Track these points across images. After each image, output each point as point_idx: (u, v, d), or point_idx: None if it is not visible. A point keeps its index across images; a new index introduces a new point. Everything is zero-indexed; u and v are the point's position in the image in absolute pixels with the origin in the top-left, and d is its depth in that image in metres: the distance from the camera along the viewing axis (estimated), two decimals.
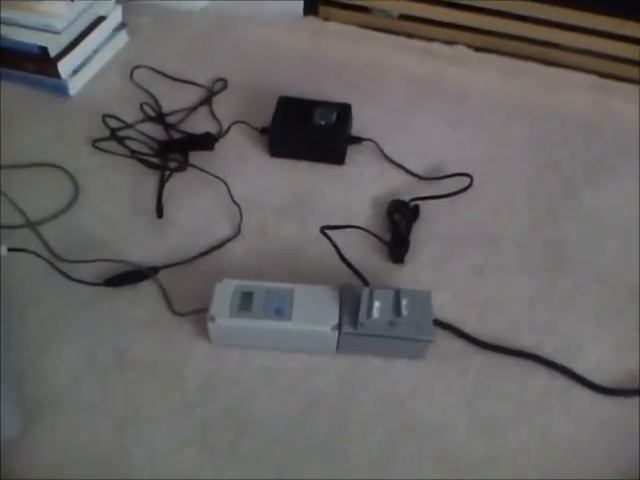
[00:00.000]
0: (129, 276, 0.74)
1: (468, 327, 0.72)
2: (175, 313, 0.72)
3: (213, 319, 0.66)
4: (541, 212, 0.86)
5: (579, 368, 0.70)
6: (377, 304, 0.65)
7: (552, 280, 0.78)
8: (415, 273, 0.78)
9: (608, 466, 0.63)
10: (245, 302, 0.67)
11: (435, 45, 1.11)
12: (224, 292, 0.68)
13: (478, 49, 1.10)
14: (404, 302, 0.66)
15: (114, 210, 0.83)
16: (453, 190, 0.85)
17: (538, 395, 0.68)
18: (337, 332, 0.66)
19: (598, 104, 1.02)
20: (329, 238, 0.74)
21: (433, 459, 0.63)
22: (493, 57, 1.09)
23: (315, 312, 0.67)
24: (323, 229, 0.75)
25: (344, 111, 0.90)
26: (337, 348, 0.68)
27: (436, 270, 0.79)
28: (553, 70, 1.08)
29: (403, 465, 0.63)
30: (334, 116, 0.89)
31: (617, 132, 0.98)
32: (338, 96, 0.94)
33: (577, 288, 0.77)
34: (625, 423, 0.66)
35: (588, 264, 0.80)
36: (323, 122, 0.88)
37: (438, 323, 0.70)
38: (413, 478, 0.62)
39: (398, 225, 0.81)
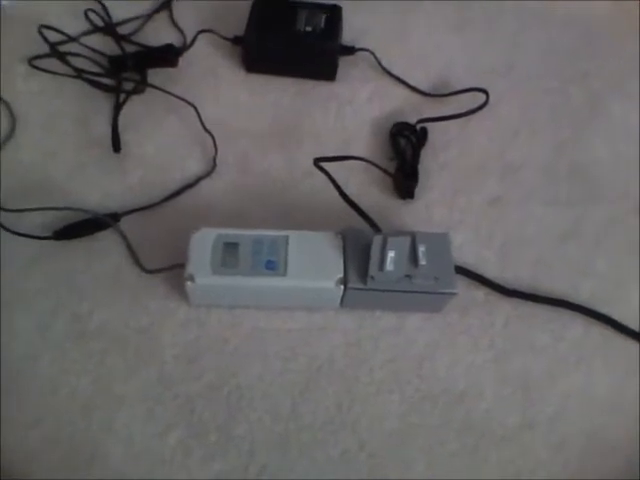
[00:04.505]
0: (84, 226, 0.61)
1: (490, 271, 0.62)
2: (143, 270, 0.59)
3: (192, 278, 0.54)
4: (567, 132, 0.74)
5: (619, 313, 0.60)
6: (391, 254, 0.53)
7: (583, 211, 0.67)
8: (426, 210, 0.66)
9: None
10: (229, 255, 0.55)
11: None
12: (202, 244, 0.56)
13: None
14: (421, 249, 0.55)
15: (60, 144, 0.68)
16: (466, 108, 0.72)
17: (574, 347, 0.59)
18: (342, 287, 0.55)
19: (621, 4, 0.88)
20: (326, 172, 0.61)
21: (459, 430, 0.55)
22: None
23: (315, 264, 0.55)
24: (317, 161, 0.62)
25: (334, 14, 0.74)
26: (341, 304, 0.58)
27: (450, 205, 0.67)
28: None
29: (424, 439, 0.54)
30: (322, 20, 0.73)
31: None
32: None
33: (612, 219, 0.67)
34: None
35: (623, 190, 0.69)
36: (309, 28, 0.72)
37: (457, 269, 0.59)
38: (436, 453, 0.53)
39: (404, 153, 0.69)
